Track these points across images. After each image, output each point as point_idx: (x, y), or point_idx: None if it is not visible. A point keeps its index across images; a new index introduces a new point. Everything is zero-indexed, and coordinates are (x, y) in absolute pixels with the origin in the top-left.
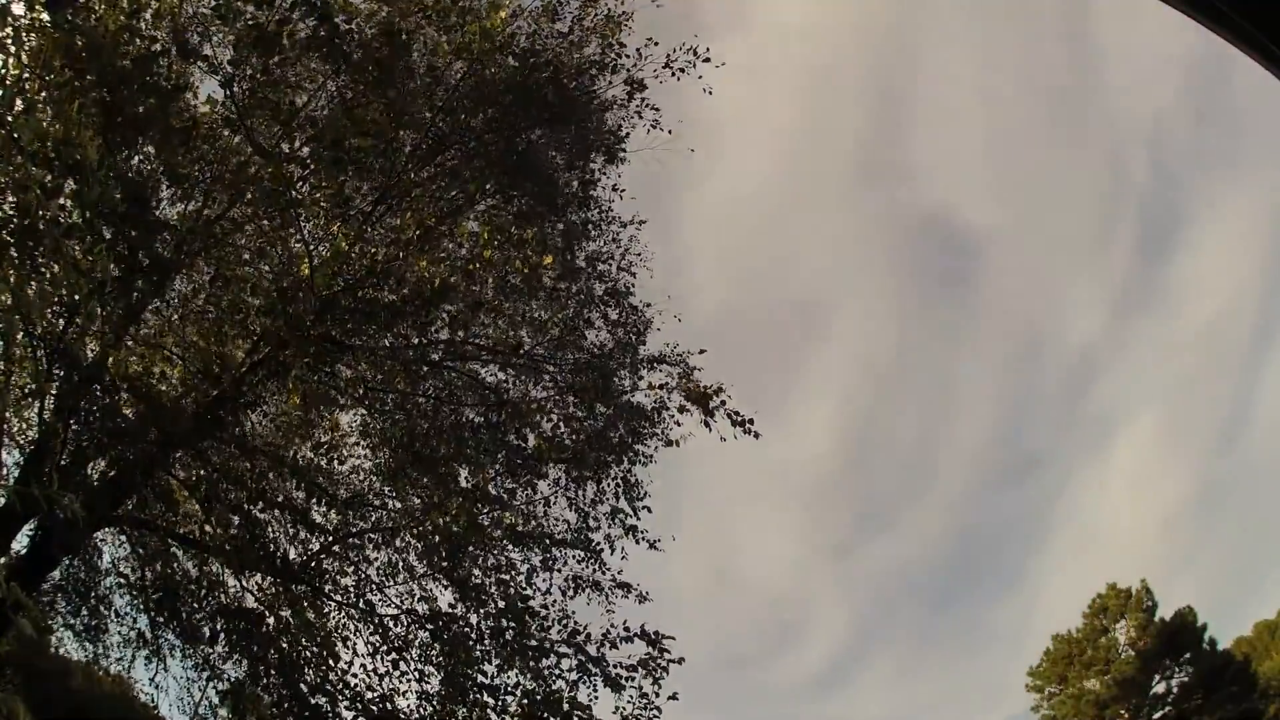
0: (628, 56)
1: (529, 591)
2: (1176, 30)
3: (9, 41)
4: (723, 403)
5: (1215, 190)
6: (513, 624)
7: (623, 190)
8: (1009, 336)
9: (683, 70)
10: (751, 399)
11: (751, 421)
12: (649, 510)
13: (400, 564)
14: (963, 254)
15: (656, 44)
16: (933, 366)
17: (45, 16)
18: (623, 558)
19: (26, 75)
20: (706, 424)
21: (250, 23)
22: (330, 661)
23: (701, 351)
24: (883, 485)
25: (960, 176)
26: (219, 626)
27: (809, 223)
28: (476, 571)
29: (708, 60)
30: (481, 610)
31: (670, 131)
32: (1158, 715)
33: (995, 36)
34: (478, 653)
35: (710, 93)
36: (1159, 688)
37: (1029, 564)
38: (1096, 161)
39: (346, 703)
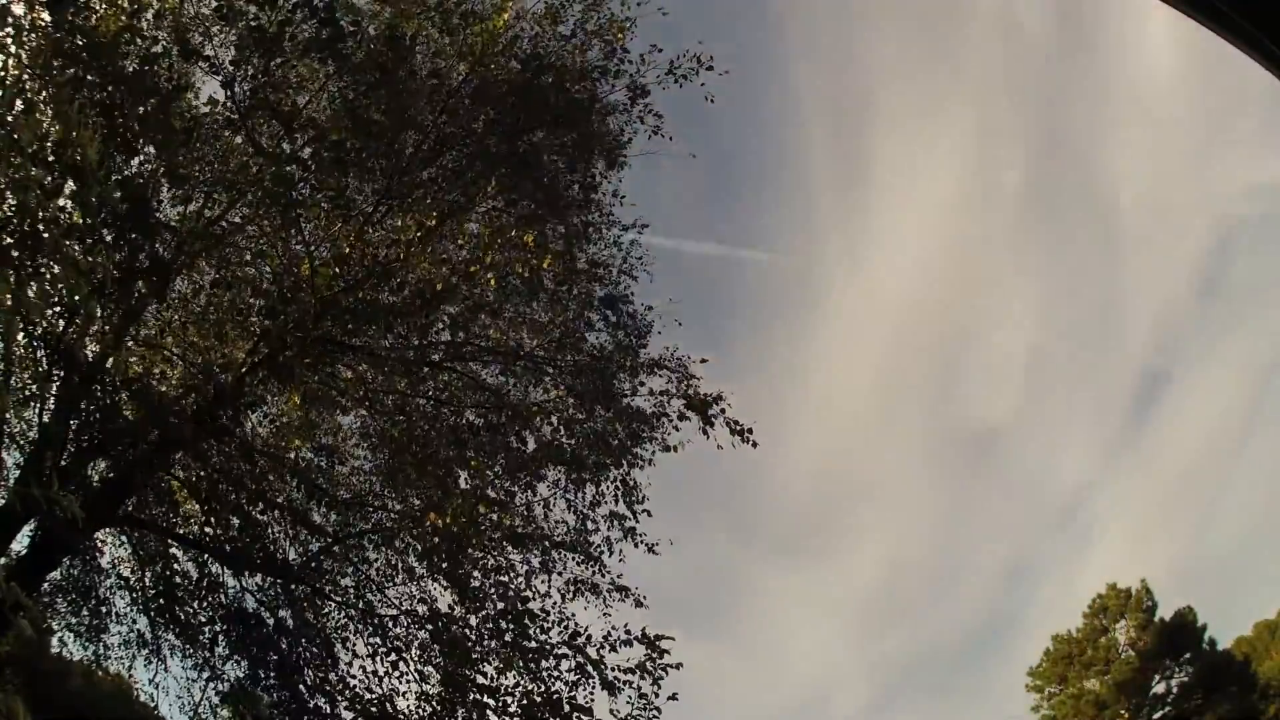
0: (630, 62)
1: (528, 593)
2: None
3: (9, 41)
4: (722, 411)
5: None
6: (512, 625)
7: (623, 195)
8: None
9: (685, 77)
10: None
11: (750, 431)
12: (648, 514)
13: (400, 565)
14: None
15: (660, 50)
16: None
17: (45, 16)
18: (620, 560)
19: (26, 75)
20: (705, 431)
21: (252, 24)
22: (330, 662)
23: (703, 360)
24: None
25: (999, 389)
26: (219, 627)
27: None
28: (476, 573)
29: (710, 69)
30: (481, 612)
31: (671, 138)
32: (1158, 715)
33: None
34: (477, 654)
35: (712, 101)
36: (1159, 688)
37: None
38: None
39: (346, 703)
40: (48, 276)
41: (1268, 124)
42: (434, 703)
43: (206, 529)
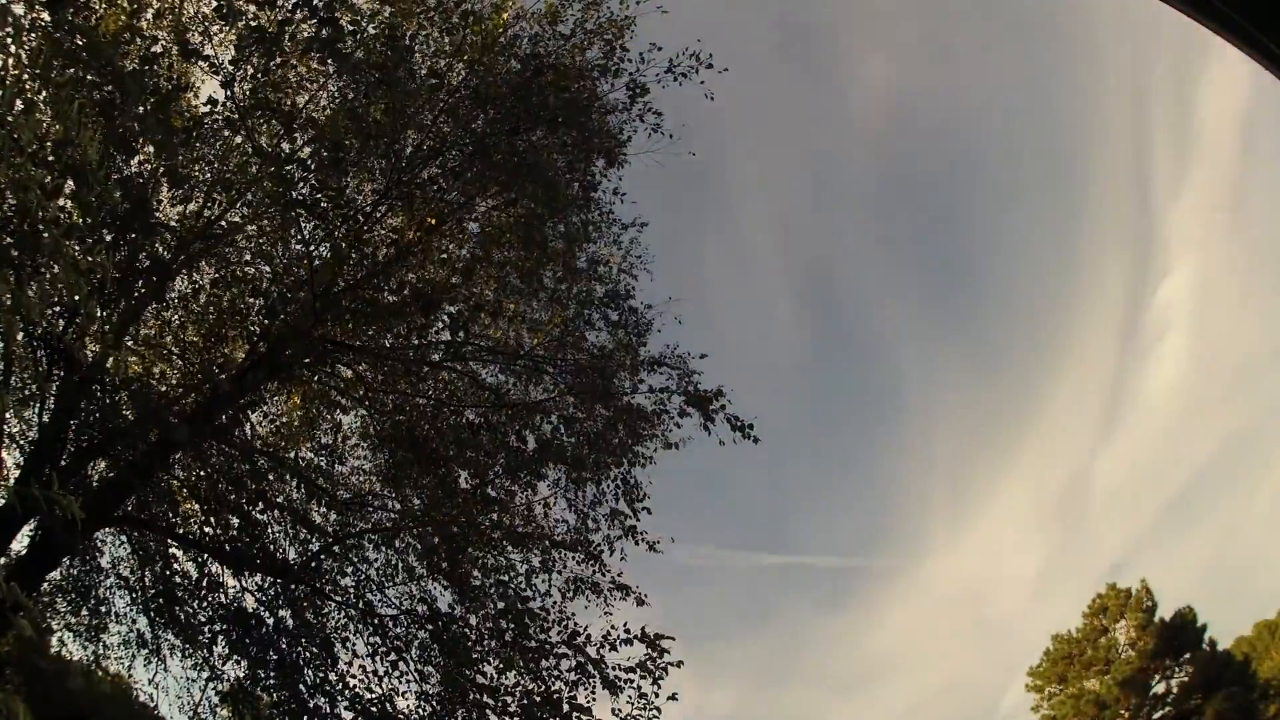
0: (630, 60)
1: (528, 593)
2: None
3: (9, 41)
4: (723, 407)
5: None
6: (512, 625)
7: (624, 194)
8: None
9: (685, 75)
10: None
11: (751, 427)
12: (648, 511)
13: (400, 565)
14: None
15: (660, 49)
16: None
17: (45, 16)
18: (622, 559)
19: (26, 75)
20: (706, 428)
21: (252, 23)
22: (330, 662)
23: (703, 356)
24: None
25: None
26: (219, 627)
27: None
28: (476, 573)
29: (710, 66)
30: (481, 611)
31: (672, 136)
32: (1158, 715)
33: None
34: (477, 654)
35: (712, 99)
36: (1159, 688)
37: None
38: None
39: (346, 703)
40: (48, 276)
41: None
42: (434, 702)
43: (206, 529)
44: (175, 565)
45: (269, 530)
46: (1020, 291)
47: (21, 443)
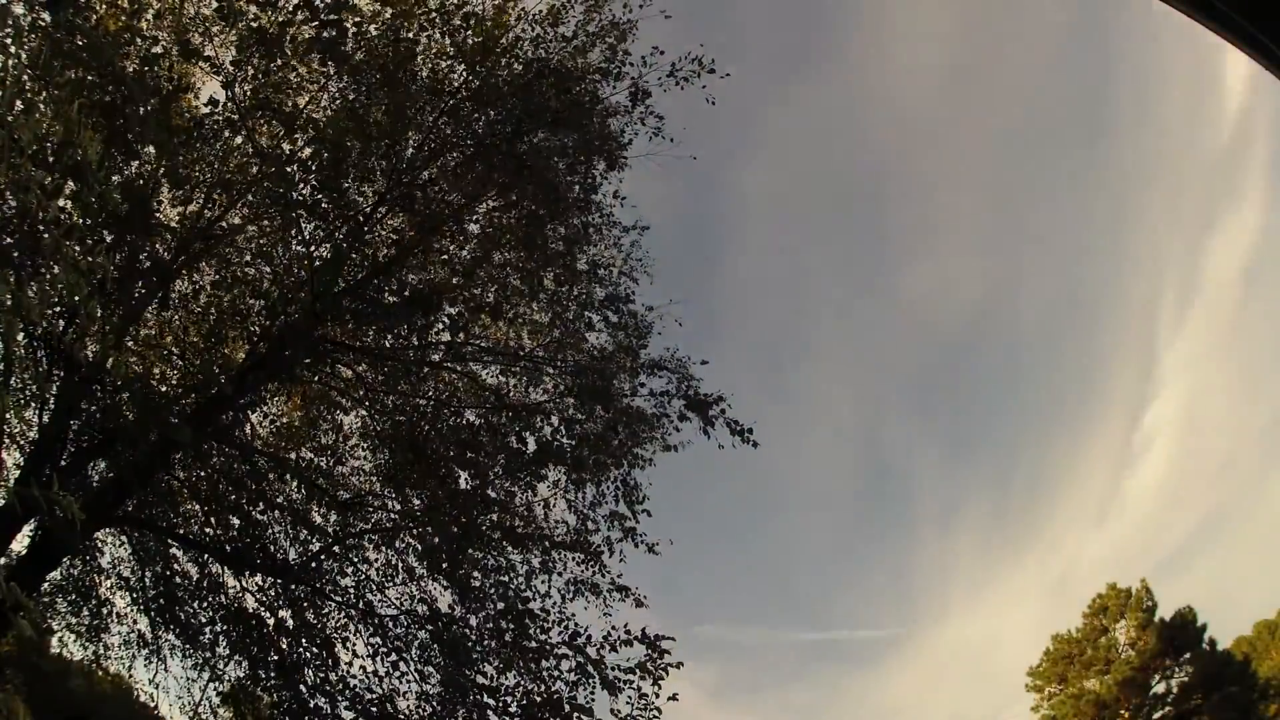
0: (632, 64)
1: (528, 593)
2: None
3: (9, 41)
4: (723, 411)
5: None
6: (512, 625)
7: (624, 197)
8: None
9: (686, 80)
10: None
11: (751, 431)
12: (648, 514)
13: (400, 565)
14: None
15: (663, 53)
16: None
17: (45, 16)
18: (621, 560)
19: (27, 75)
20: (706, 432)
21: (253, 24)
22: (330, 662)
23: (704, 362)
24: None
25: None
26: (219, 627)
27: None
28: (476, 573)
29: (712, 71)
30: (481, 612)
31: (673, 140)
32: (1158, 715)
33: None
34: (477, 654)
35: (713, 103)
36: (1159, 688)
37: None
38: None
39: (346, 703)
40: (48, 276)
41: None
42: (434, 703)
43: (207, 529)
44: (175, 565)
45: (269, 530)
46: (1033, 418)
47: (21, 443)
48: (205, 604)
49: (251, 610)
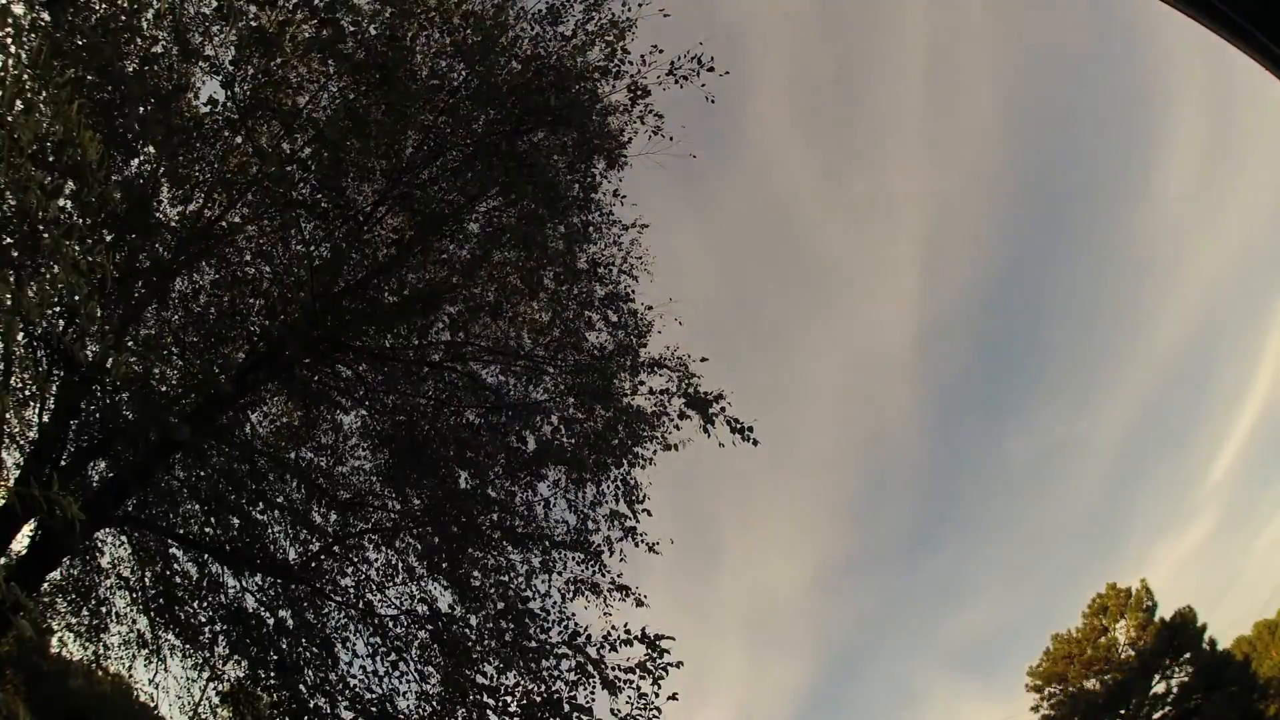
0: (631, 63)
1: (528, 593)
2: None
3: (9, 41)
4: (723, 409)
5: None
6: (512, 625)
7: (624, 196)
8: None
9: (686, 78)
10: None
11: (751, 429)
12: (648, 513)
13: (400, 565)
14: None
15: (661, 51)
16: None
17: (45, 16)
18: (621, 560)
19: (27, 75)
20: (706, 430)
21: (252, 23)
22: (330, 662)
23: (703, 360)
24: None
25: None
26: (219, 627)
27: None
28: (476, 573)
29: (711, 69)
30: (481, 612)
31: (673, 139)
32: (1158, 715)
33: None
34: (477, 654)
35: (713, 101)
36: (1159, 688)
37: None
38: None
39: (346, 703)
40: (48, 276)
41: None
42: (434, 703)
43: (207, 529)
44: (175, 565)
45: (269, 530)
46: None
47: (21, 443)
48: (205, 604)
49: (251, 610)
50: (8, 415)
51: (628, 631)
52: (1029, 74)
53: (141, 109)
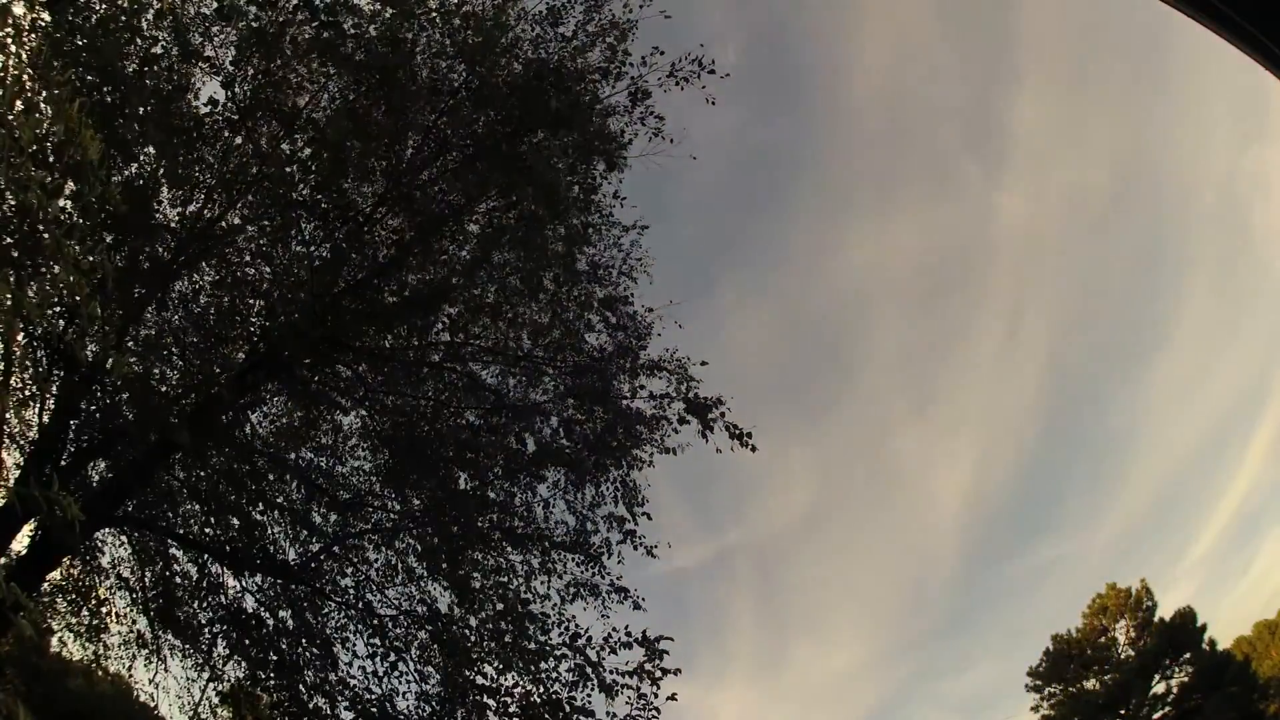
0: (631, 64)
1: (528, 595)
2: None
3: (9, 41)
4: (722, 414)
5: None
6: (511, 626)
7: (624, 198)
8: None
9: (686, 80)
10: None
11: (750, 435)
12: (648, 516)
13: (400, 565)
14: None
15: (662, 53)
16: None
17: (45, 16)
18: (620, 562)
19: (27, 75)
20: (704, 435)
21: (253, 24)
22: (329, 662)
23: (703, 364)
24: None
25: None
26: (219, 627)
27: None
28: (476, 574)
29: (712, 72)
30: (480, 612)
31: (673, 140)
32: (1158, 715)
33: None
34: (476, 654)
35: (713, 103)
36: (1159, 688)
37: None
38: None
39: (345, 703)
40: (48, 276)
41: None
42: (434, 703)
43: (206, 529)
44: (175, 565)
45: (269, 531)
46: None
47: (21, 443)
48: (205, 604)
49: (251, 610)
50: (8, 415)
51: (627, 634)
52: None
53: (142, 109)
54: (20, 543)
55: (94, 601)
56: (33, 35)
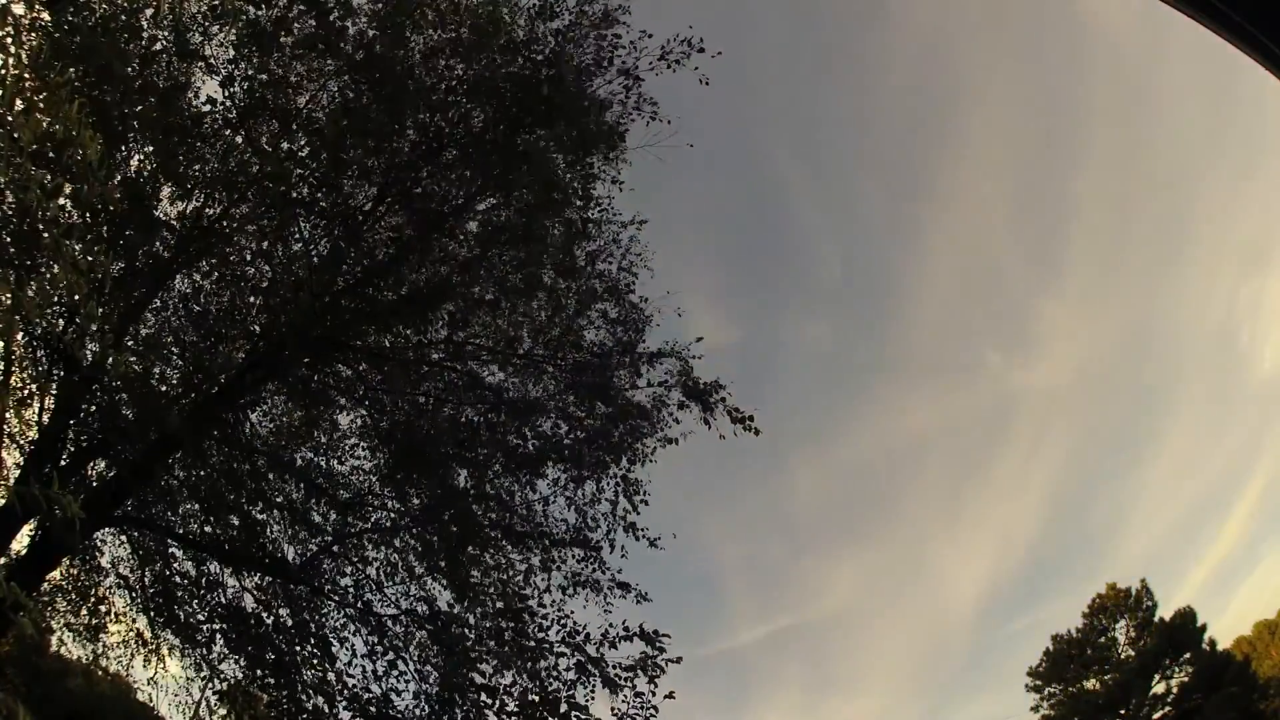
0: (622, 49)
1: (527, 591)
2: None
3: (9, 41)
4: (723, 399)
5: None
6: (511, 624)
7: (622, 183)
8: None
9: (678, 62)
10: None
11: (751, 418)
12: (646, 503)
13: (399, 564)
14: None
15: (651, 36)
16: None
17: (45, 16)
18: (623, 556)
19: (27, 75)
20: (706, 421)
21: (251, 19)
22: (328, 661)
23: (698, 339)
24: None
25: None
26: (217, 626)
27: None
28: (475, 571)
29: (702, 50)
30: (480, 610)
31: (669, 122)
32: (1158, 715)
33: None
34: (475, 653)
35: (706, 84)
36: (1159, 688)
37: None
38: None
39: (344, 702)
40: (48, 276)
41: None
42: (432, 702)
43: (206, 529)
44: (175, 565)
45: (269, 530)
46: None
47: (21, 443)
48: (204, 603)
49: (250, 610)
50: (8, 415)
51: (626, 628)
52: None
53: (141, 108)
54: (20, 542)
55: (93, 601)
56: (32, 35)
